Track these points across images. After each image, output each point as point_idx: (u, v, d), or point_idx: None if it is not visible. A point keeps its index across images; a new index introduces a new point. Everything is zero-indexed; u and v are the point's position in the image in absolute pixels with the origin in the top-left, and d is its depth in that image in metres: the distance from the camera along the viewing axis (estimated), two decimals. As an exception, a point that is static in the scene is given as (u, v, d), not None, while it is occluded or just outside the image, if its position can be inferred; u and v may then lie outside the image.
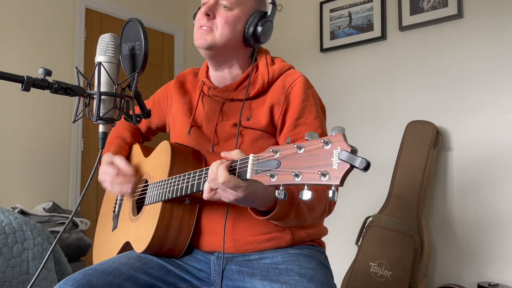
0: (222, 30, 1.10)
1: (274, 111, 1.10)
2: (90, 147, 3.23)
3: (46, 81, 0.85)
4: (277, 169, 0.72)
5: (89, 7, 3.28)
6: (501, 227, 2.29)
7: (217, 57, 1.14)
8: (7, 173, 2.78)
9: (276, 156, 0.73)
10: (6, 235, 1.70)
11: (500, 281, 2.25)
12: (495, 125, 2.35)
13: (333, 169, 0.65)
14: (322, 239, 1.20)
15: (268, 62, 1.17)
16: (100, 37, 0.95)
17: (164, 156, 1.14)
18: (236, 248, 1.08)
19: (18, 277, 1.68)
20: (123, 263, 1.07)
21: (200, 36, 1.11)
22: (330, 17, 3.04)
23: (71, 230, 2.58)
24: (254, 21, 1.13)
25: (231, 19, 1.11)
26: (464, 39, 2.48)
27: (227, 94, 1.16)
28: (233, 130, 1.12)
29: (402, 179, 2.45)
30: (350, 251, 2.63)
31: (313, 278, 0.99)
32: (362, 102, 2.87)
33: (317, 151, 0.68)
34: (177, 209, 1.08)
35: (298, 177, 0.69)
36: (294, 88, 1.10)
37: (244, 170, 0.80)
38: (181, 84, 1.29)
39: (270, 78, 1.13)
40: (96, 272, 1.01)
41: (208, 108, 1.19)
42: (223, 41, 1.11)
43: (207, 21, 1.10)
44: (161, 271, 1.09)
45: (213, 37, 1.10)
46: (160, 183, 1.11)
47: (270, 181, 0.73)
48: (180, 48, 3.93)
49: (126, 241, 1.18)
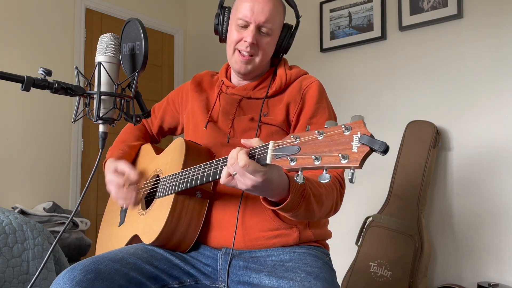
0: (262, 57, 1.19)
1: (290, 109, 1.17)
2: (90, 147, 3.23)
3: (46, 81, 0.85)
4: (298, 154, 0.74)
5: (89, 7, 3.28)
6: (501, 227, 2.29)
7: (252, 76, 1.24)
8: (7, 173, 2.78)
9: (297, 142, 0.76)
10: (6, 235, 1.70)
11: (500, 281, 2.25)
12: (495, 125, 2.35)
13: (353, 152, 0.68)
14: (326, 242, 1.23)
15: (286, 67, 1.26)
16: (100, 37, 0.95)
17: (177, 152, 1.17)
18: (245, 243, 1.10)
19: (18, 277, 1.68)
20: (130, 253, 1.08)
21: (242, 65, 1.19)
22: (330, 17, 3.04)
23: (71, 230, 2.58)
24: (286, 38, 1.24)
25: (271, 46, 1.21)
26: (464, 39, 2.48)
27: (245, 92, 1.22)
28: (249, 124, 1.17)
29: (402, 179, 2.45)
30: (350, 251, 2.63)
31: (319, 276, 1.01)
32: (362, 102, 2.87)
33: (337, 136, 0.71)
34: (189, 202, 1.10)
35: (318, 160, 0.71)
36: (310, 90, 1.18)
37: (263, 156, 0.82)
38: (198, 83, 1.34)
39: (288, 79, 1.21)
40: (104, 259, 1.03)
41: (225, 103, 1.24)
42: (263, 65, 1.22)
43: (252, 49, 1.18)
44: (166, 264, 1.10)
45: (254, 64, 1.19)
46: (173, 175, 1.13)
47: (289, 165, 0.75)
48: (180, 48, 3.93)
49: (134, 234, 1.19)
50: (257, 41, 1.17)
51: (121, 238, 1.26)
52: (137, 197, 1.21)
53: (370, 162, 2.99)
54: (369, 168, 2.78)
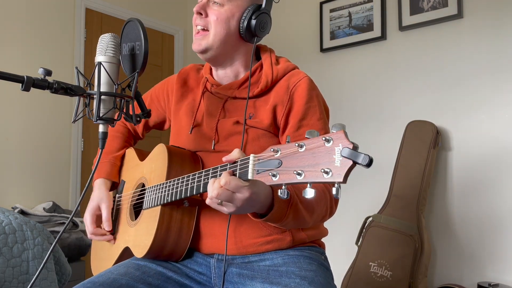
0: (215, 29, 1.09)
1: (277, 111, 1.09)
2: (90, 147, 3.23)
3: (46, 81, 0.85)
4: (279, 168, 0.72)
5: (89, 7, 3.28)
6: (501, 227, 2.29)
7: (215, 58, 1.13)
8: (7, 173, 2.78)
9: (277, 156, 0.73)
10: (6, 235, 1.70)
11: (500, 281, 2.25)
12: (495, 124, 2.35)
13: (335, 166, 0.65)
14: (322, 239, 1.19)
15: (273, 61, 1.15)
16: (100, 37, 0.95)
17: (160, 159, 1.13)
18: (238, 250, 1.07)
19: (18, 277, 1.68)
20: (122, 273, 1.05)
21: (195, 42, 1.11)
22: (330, 17, 3.04)
23: (71, 230, 2.58)
24: (248, 15, 1.10)
25: (223, 15, 1.09)
26: (464, 39, 2.48)
27: (230, 92, 1.14)
28: (234, 128, 1.10)
29: (402, 179, 2.45)
30: (350, 251, 2.62)
31: (314, 280, 0.98)
32: (362, 102, 2.87)
33: (319, 149, 0.67)
34: (176, 212, 1.07)
35: (301, 175, 0.68)
36: (298, 89, 1.08)
37: (245, 171, 0.79)
38: (184, 81, 1.26)
39: (274, 77, 1.11)
40: (95, 285, 0.99)
41: (210, 104, 1.17)
42: (217, 40, 1.09)
43: (200, 20, 1.10)
44: (160, 279, 1.07)
45: (208, 39, 1.09)
46: (157, 186, 1.09)
47: (272, 180, 0.72)
48: (180, 48, 3.93)
49: (126, 247, 1.17)
50: (207, 12, 1.09)
51: (114, 249, 1.24)
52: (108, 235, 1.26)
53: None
54: (369, 168, 2.77)
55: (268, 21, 1.13)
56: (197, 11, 1.09)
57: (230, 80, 1.16)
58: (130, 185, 1.27)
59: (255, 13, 1.10)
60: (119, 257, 1.21)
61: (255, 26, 1.10)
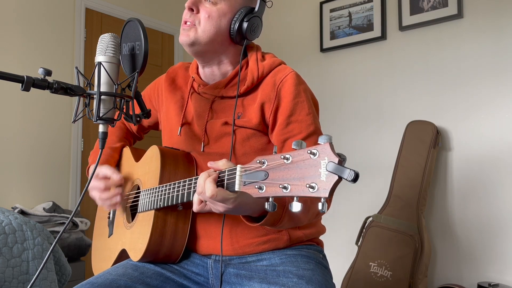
0: (204, 26, 1.06)
1: (265, 108, 1.07)
2: (90, 147, 3.23)
3: (46, 81, 0.85)
4: (265, 180, 0.71)
5: (89, 7, 3.28)
6: (501, 227, 2.29)
7: (203, 54, 1.10)
8: (7, 173, 2.78)
9: (264, 167, 0.72)
10: (6, 235, 1.70)
11: (500, 281, 2.25)
12: (495, 125, 2.35)
13: (321, 180, 0.63)
14: (321, 237, 1.19)
15: (259, 58, 1.12)
16: (100, 37, 0.95)
17: (154, 162, 1.12)
18: (234, 250, 1.07)
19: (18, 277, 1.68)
20: (120, 274, 1.05)
21: (183, 33, 1.08)
22: (330, 17, 3.04)
23: (71, 230, 2.58)
24: (240, 17, 1.08)
25: (215, 14, 1.06)
26: (464, 39, 2.48)
27: (217, 91, 1.12)
28: (223, 129, 1.09)
29: (402, 179, 2.45)
30: (350, 251, 2.63)
31: (311, 279, 0.98)
32: (362, 102, 2.87)
33: (304, 162, 0.66)
34: (170, 216, 1.07)
35: (287, 189, 0.67)
36: (285, 85, 1.06)
37: (232, 182, 0.78)
38: (172, 80, 1.24)
39: (260, 74, 1.09)
40: (94, 286, 0.99)
41: (198, 105, 1.15)
42: (206, 36, 1.07)
43: (190, 16, 1.08)
44: (158, 279, 1.07)
45: (196, 33, 1.06)
46: (151, 190, 1.09)
47: (258, 193, 0.71)
48: (180, 48, 3.93)
49: (122, 249, 1.17)
50: (199, 9, 1.07)
51: (112, 250, 1.25)
52: (122, 201, 1.18)
53: (370, 162, 3.00)
54: (369, 168, 2.78)
55: (259, 25, 1.12)
56: (189, 7, 1.07)
57: (217, 79, 1.14)
58: (126, 186, 1.27)
59: (247, 16, 1.08)
60: (117, 258, 1.21)
61: (246, 29, 1.08)
